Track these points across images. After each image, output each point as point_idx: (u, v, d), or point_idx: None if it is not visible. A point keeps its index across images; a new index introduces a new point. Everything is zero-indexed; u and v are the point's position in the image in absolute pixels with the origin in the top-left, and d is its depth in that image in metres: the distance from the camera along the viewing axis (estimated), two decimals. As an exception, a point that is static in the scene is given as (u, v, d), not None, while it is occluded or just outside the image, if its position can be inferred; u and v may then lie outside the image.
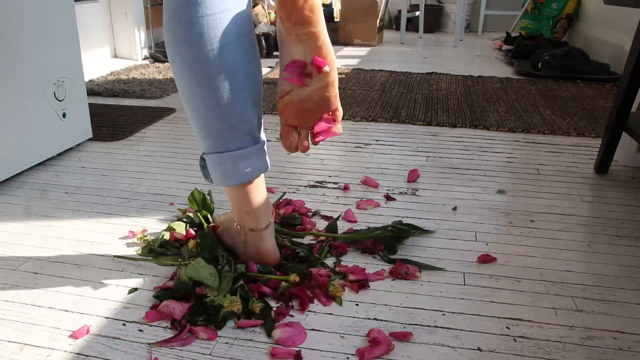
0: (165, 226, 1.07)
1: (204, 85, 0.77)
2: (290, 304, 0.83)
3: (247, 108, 0.80)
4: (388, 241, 0.99)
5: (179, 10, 0.74)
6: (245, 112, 0.80)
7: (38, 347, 0.73)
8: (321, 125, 0.80)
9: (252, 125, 0.81)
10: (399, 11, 4.20)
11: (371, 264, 0.95)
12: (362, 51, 3.47)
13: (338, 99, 0.80)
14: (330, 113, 0.80)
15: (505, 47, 3.39)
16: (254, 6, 3.34)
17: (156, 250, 0.96)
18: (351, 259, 0.96)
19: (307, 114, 0.79)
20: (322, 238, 1.01)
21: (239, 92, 0.78)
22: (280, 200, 1.16)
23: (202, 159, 0.85)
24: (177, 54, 0.76)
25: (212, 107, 0.78)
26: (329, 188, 1.27)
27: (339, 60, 3.06)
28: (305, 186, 1.28)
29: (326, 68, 0.76)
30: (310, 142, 0.82)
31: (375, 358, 0.71)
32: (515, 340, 0.75)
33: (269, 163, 0.87)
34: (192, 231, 0.99)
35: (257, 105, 0.82)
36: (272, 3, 3.37)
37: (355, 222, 1.10)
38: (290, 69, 0.77)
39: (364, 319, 0.80)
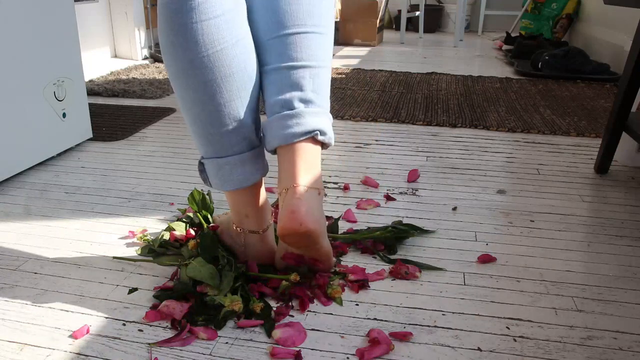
0: (165, 226, 1.07)
1: (200, 91, 0.76)
2: (290, 304, 0.83)
3: (245, 112, 0.79)
4: (388, 241, 0.99)
5: (173, 15, 0.73)
6: (243, 116, 0.79)
7: (38, 347, 0.73)
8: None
9: (251, 129, 0.81)
10: (399, 11, 4.20)
11: (371, 264, 0.95)
12: (362, 51, 3.47)
13: (332, 262, 0.89)
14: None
15: (505, 47, 3.39)
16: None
17: (156, 250, 0.96)
18: (351, 259, 0.96)
19: (303, 266, 0.88)
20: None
21: (236, 97, 0.78)
22: (280, 200, 1.16)
23: (201, 164, 0.84)
24: (173, 59, 0.76)
25: (209, 112, 0.78)
26: (329, 188, 1.27)
27: (339, 60, 3.06)
28: (305, 186, 1.28)
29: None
30: None
31: (375, 358, 0.71)
32: (515, 340, 0.75)
33: (267, 166, 0.86)
34: (192, 231, 0.99)
35: (255, 109, 0.81)
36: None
37: (355, 222, 1.10)
38: (287, 259, 0.87)
39: (364, 319, 0.80)
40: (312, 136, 0.78)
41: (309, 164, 0.78)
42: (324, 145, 0.82)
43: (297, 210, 0.75)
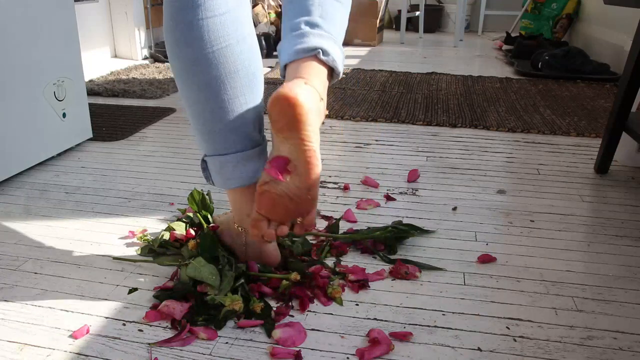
0: (165, 226, 1.07)
1: (204, 88, 0.76)
2: (290, 304, 0.83)
3: (248, 110, 0.80)
4: (388, 241, 0.99)
5: (178, 12, 0.74)
6: (246, 114, 0.80)
7: (38, 347, 0.73)
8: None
9: (253, 127, 0.81)
10: (399, 11, 4.20)
11: (371, 264, 0.95)
12: (362, 51, 3.46)
13: (316, 203, 0.75)
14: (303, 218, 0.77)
15: (505, 47, 3.39)
16: (254, 6, 3.34)
17: (156, 250, 0.96)
18: (351, 259, 0.96)
19: (280, 209, 0.75)
20: (322, 238, 1.01)
21: (240, 94, 0.78)
22: (280, 200, 1.16)
23: (204, 161, 0.84)
24: (177, 56, 0.76)
25: (212, 109, 0.78)
26: (329, 188, 1.27)
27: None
28: (305, 186, 1.28)
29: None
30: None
31: (375, 358, 0.71)
32: (515, 340, 0.75)
33: None
34: (192, 231, 0.99)
35: (258, 107, 0.82)
36: (272, 3, 3.37)
37: (356, 222, 1.10)
38: (273, 163, 0.73)
39: (364, 319, 0.80)
40: (314, 54, 0.75)
41: (313, 74, 0.75)
42: (333, 73, 0.78)
43: (292, 83, 0.70)
